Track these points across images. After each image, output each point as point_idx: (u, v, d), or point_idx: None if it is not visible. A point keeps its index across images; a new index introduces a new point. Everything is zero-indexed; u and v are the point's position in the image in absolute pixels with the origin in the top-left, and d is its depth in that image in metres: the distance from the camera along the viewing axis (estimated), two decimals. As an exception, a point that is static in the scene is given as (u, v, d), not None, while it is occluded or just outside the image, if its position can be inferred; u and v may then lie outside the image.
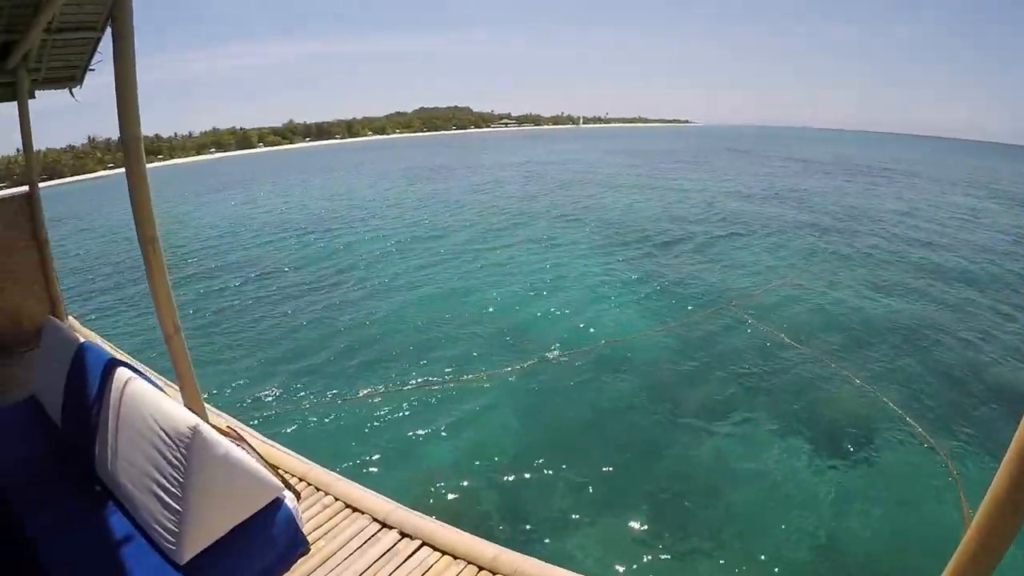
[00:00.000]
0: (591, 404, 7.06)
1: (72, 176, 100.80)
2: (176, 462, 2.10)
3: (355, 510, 2.79)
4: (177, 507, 2.11)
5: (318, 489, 2.99)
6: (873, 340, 8.90)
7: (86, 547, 2.37)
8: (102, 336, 6.11)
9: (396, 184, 34.98)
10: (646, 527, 4.95)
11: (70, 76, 6.03)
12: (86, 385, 3.02)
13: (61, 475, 2.92)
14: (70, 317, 6.49)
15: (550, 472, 5.72)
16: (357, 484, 2.99)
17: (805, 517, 5.09)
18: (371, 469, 5.88)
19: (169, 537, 2.13)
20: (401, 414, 6.95)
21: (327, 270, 14.48)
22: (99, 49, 5.71)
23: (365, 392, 7.49)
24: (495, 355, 8.48)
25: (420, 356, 8.58)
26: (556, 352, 8.44)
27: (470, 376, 7.76)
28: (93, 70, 6.13)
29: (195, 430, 2.08)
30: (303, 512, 2.77)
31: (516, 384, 7.58)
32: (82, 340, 3.45)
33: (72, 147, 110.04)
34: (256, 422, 6.88)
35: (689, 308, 10.34)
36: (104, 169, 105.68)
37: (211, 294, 13.33)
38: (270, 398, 7.60)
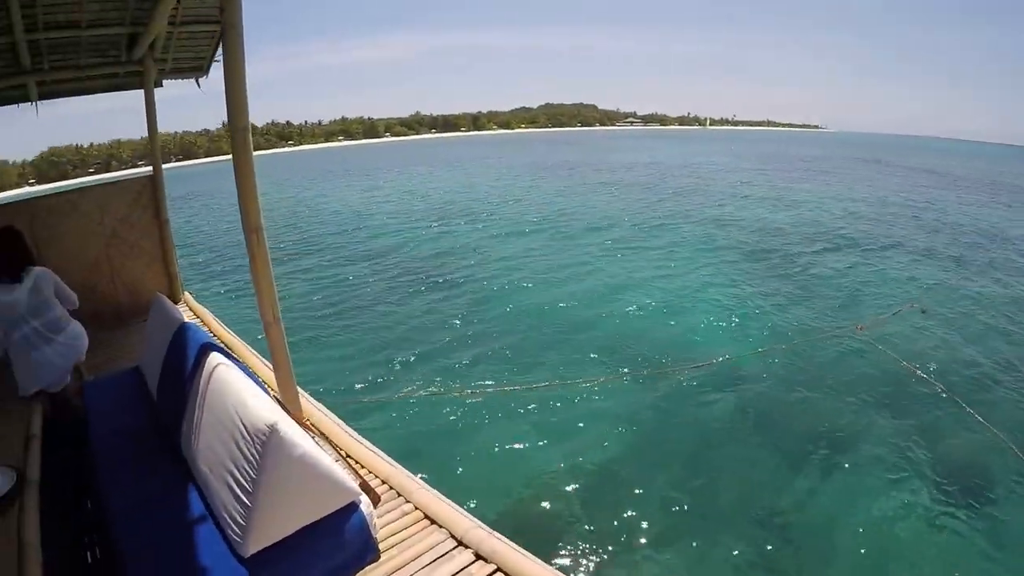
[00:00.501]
0: (696, 423, 6.71)
1: (206, 157, 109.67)
2: (251, 457, 2.08)
3: (433, 522, 2.69)
4: (247, 501, 2.08)
5: (399, 495, 2.91)
6: (1007, 380, 7.94)
7: (159, 526, 2.43)
8: (213, 314, 6.39)
9: (520, 180, 35.33)
10: (745, 569, 4.61)
11: (197, 67, 6.37)
12: (181, 364, 3.09)
13: (150, 450, 3.01)
14: (186, 293, 6.85)
15: (645, 496, 5.40)
16: (439, 494, 2.90)
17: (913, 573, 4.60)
18: (458, 470, 5.82)
19: (237, 529, 2.12)
20: (498, 414, 6.88)
21: (443, 262, 14.78)
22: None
23: (463, 388, 7.49)
24: (602, 361, 8.28)
25: (525, 355, 8.52)
26: (665, 363, 8.12)
27: (574, 381, 7.57)
28: (219, 61, 6.38)
29: (273, 429, 2.03)
30: (380, 517, 2.71)
31: (620, 394, 7.33)
32: (184, 320, 3.54)
33: (207, 131, 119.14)
34: (352, 409, 7.03)
35: (809, 328, 9.65)
36: None
37: (325, 278, 13.95)
38: (370, 387, 7.74)
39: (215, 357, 2.84)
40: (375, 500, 2.81)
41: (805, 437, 6.43)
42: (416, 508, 2.79)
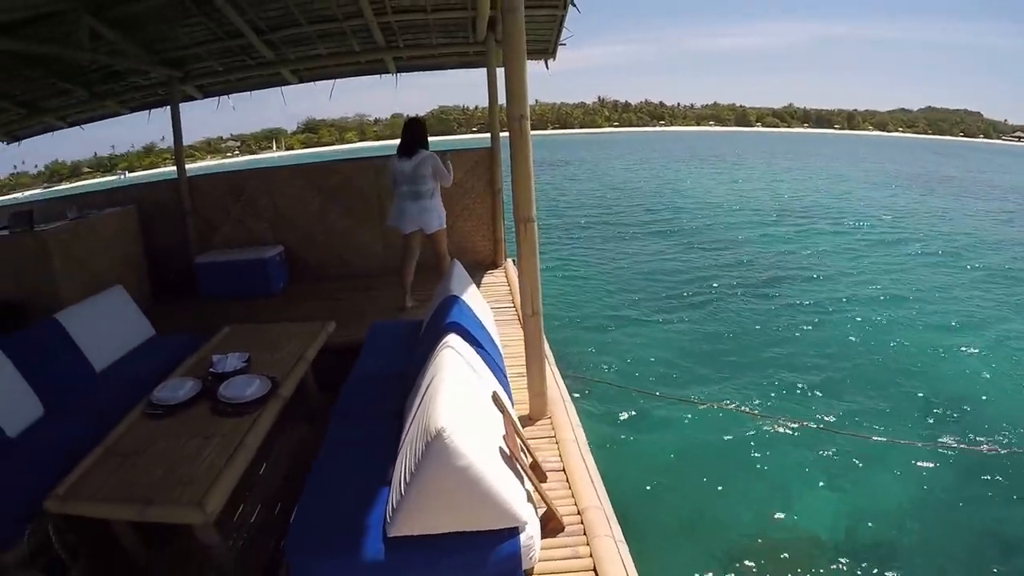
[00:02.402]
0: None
1: (580, 128, 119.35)
2: (419, 451, 2.18)
3: (596, 578, 2.47)
4: (403, 489, 2.21)
5: (583, 533, 2.74)
6: None
7: (349, 468, 2.72)
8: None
9: (898, 191, 31.25)
10: None
11: (542, 49, 6.75)
12: (431, 334, 3.33)
13: (385, 401, 3.33)
14: (508, 260, 7.44)
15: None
16: (621, 547, 2.67)
17: None
18: (699, 502, 5.38)
19: (392, 508, 2.26)
20: (775, 447, 6.26)
21: (786, 267, 14.03)
22: (567, 26, 6.27)
23: (750, 409, 6.94)
24: (925, 422, 6.92)
25: (837, 391, 7.56)
26: (1005, 445, 6.47)
27: (889, 440, 6.37)
28: (564, 44, 6.73)
29: (438, 434, 2.09)
30: (550, 550, 2.63)
31: (934, 469, 5.96)
32: (453, 293, 3.75)
33: (583, 104, 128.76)
34: (624, 403, 7.02)
35: None
36: (609, 126, 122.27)
37: (664, 260, 14.54)
38: (654, 380, 7.65)
39: (452, 339, 2.99)
40: (555, 530, 2.74)
41: None
42: (590, 555, 2.59)
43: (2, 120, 7.23)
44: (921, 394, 7.60)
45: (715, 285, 12.16)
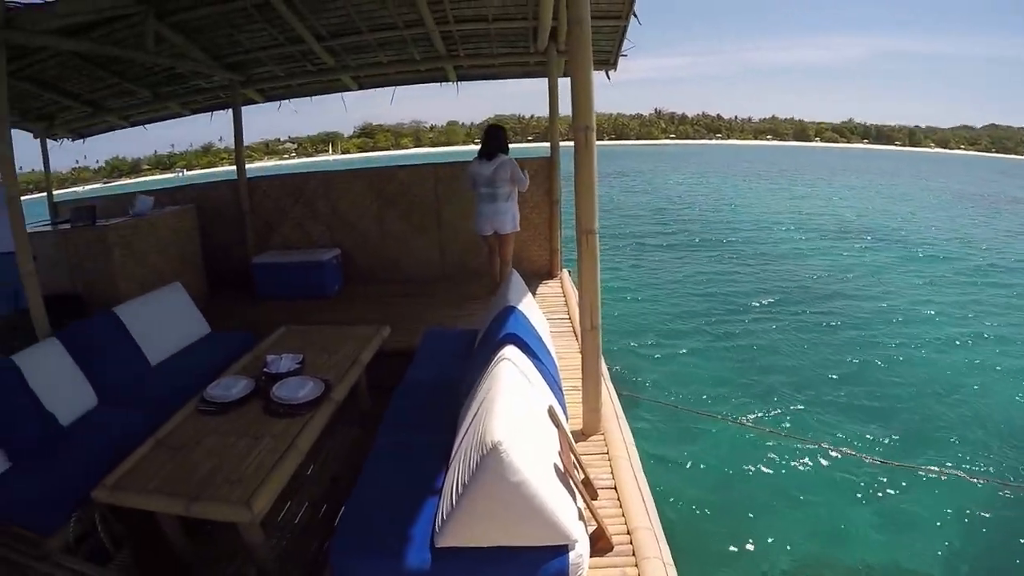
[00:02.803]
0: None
1: (636, 140, 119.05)
2: (473, 463, 2.17)
3: (644, 599, 2.43)
4: (454, 500, 2.20)
5: (632, 554, 2.69)
6: None
7: (398, 473, 2.73)
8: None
9: (966, 212, 30.03)
10: None
11: (604, 60, 6.78)
12: (488, 343, 3.35)
13: (438, 407, 3.33)
14: (564, 271, 7.47)
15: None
16: (671, 569, 2.60)
17: None
18: (745, 534, 5.19)
19: (441, 518, 2.26)
20: (819, 478, 6.10)
21: (847, 288, 13.69)
22: (628, 37, 6.29)
23: (803, 436, 6.68)
24: (988, 457, 6.59)
25: (893, 422, 7.27)
26: None
27: (934, 472, 6.11)
28: (625, 55, 6.75)
29: (494, 448, 2.07)
30: (596, 571, 2.57)
31: (981, 505, 5.70)
32: (510, 303, 3.75)
33: (640, 115, 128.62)
34: (678, 425, 6.92)
35: None
36: (666, 138, 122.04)
37: (714, 276, 14.41)
38: (709, 401, 7.57)
39: (509, 351, 2.99)
40: (604, 549, 2.71)
41: None
42: (637, 577, 2.54)
43: (67, 118, 7.62)
44: (988, 430, 7.28)
45: (776, 309, 11.90)
